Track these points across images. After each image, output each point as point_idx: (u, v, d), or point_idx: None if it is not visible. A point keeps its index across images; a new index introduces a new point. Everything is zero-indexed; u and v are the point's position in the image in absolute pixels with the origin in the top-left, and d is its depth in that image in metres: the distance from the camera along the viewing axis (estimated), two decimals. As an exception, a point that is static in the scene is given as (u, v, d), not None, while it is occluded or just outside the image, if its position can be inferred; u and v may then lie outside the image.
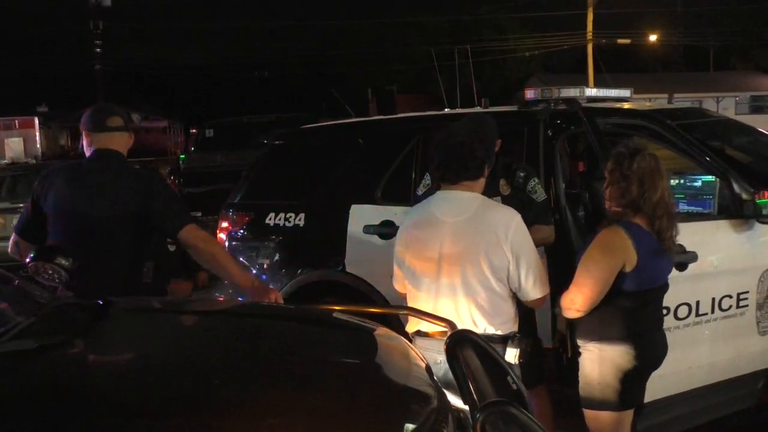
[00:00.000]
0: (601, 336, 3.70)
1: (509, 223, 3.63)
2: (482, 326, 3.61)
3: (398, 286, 3.99)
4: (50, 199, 3.90)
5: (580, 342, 3.80)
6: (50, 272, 3.40)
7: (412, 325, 3.77)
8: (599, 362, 3.71)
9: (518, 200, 4.57)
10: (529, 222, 4.50)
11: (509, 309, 3.72)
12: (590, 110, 4.96)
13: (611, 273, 3.62)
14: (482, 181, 3.80)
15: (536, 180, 4.65)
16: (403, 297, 3.98)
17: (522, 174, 4.62)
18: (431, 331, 3.62)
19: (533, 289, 3.68)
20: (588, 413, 3.83)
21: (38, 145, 39.34)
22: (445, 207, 3.71)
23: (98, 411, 2.14)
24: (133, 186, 3.88)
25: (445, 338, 3.35)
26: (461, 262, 3.61)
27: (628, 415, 3.77)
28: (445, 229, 3.65)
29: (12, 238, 4.08)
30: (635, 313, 3.70)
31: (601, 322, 3.69)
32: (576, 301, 3.67)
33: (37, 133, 39.95)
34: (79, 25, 41.61)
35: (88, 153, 4.02)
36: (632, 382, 3.71)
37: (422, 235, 3.72)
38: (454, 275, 3.62)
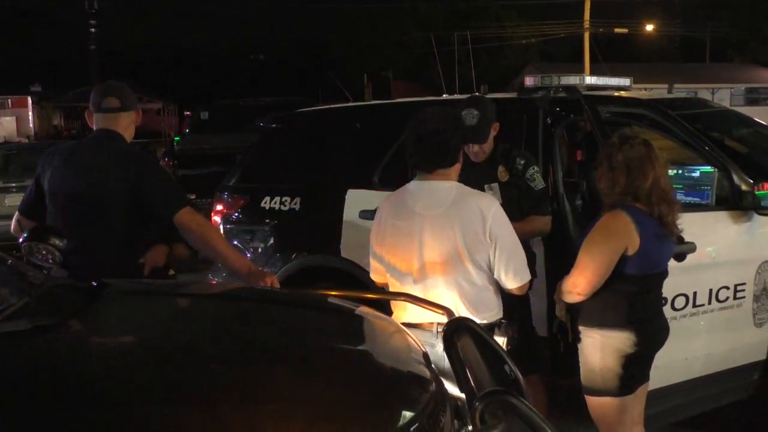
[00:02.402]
0: (603, 322, 3.69)
1: (487, 212, 3.53)
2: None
3: (376, 277, 3.90)
4: (47, 178, 3.89)
5: (581, 328, 3.79)
6: (44, 252, 3.36)
7: (399, 314, 3.69)
8: (601, 348, 3.70)
9: (516, 187, 4.52)
10: (526, 211, 4.48)
11: (493, 298, 3.67)
12: (592, 98, 4.93)
13: (614, 256, 3.61)
14: (458, 167, 3.68)
15: (535, 168, 4.59)
16: (382, 286, 3.94)
17: (521, 161, 4.56)
18: (417, 321, 3.55)
19: (513, 279, 3.61)
20: (591, 400, 3.83)
21: (31, 125, 39.21)
22: (421, 199, 3.61)
23: (92, 393, 2.12)
24: (128, 168, 3.84)
25: (434, 329, 3.32)
26: (442, 257, 3.54)
27: (631, 400, 3.76)
28: (422, 223, 3.56)
29: (15, 216, 4.06)
30: (637, 299, 3.70)
31: (604, 307, 3.68)
32: (578, 285, 3.66)
33: (30, 113, 39.81)
34: (75, 5, 41.36)
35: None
36: (634, 367, 3.71)
37: (399, 230, 3.63)
38: (436, 270, 3.56)
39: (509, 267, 3.58)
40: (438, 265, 3.55)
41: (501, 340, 3.56)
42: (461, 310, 3.55)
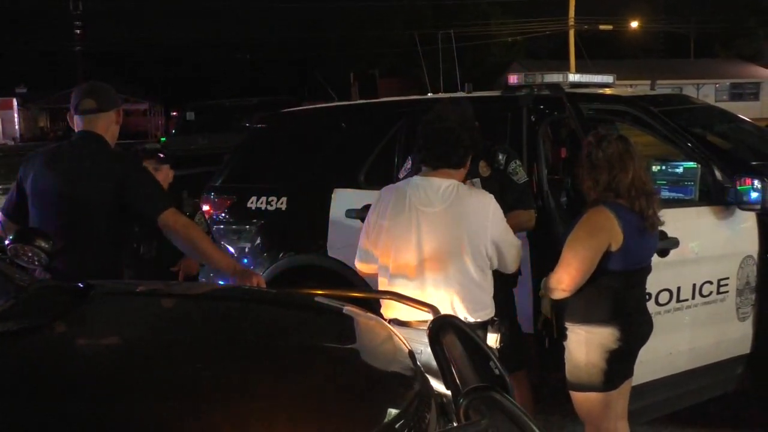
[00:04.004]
0: (587, 318, 3.72)
1: (487, 210, 3.61)
2: (462, 316, 3.59)
3: (363, 267, 3.92)
4: (30, 181, 3.87)
5: (566, 324, 3.82)
6: (30, 255, 3.36)
7: (389, 311, 3.72)
8: (586, 344, 3.73)
9: (498, 182, 4.52)
10: (509, 205, 4.49)
11: (487, 296, 3.72)
12: (574, 96, 4.95)
13: (597, 252, 3.64)
14: (463, 172, 3.75)
15: (517, 162, 4.60)
16: (365, 276, 3.96)
17: (502, 155, 4.56)
18: (410, 319, 3.58)
19: (513, 264, 3.80)
20: (576, 395, 3.85)
21: (17, 126, 39.04)
22: (421, 195, 3.64)
23: (79, 394, 2.12)
24: (111, 169, 3.83)
25: (426, 327, 3.35)
26: (441, 253, 3.58)
27: (615, 395, 3.79)
28: (421, 219, 3.60)
29: None
30: (621, 294, 3.72)
31: (588, 303, 3.71)
32: (563, 281, 3.69)
33: (16, 114, 39.62)
34: (60, 6, 41.13)
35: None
36: (619, 362, 3.73)
37: (396, 225, 3.65)
38: (435, 268, 3.59)
39: (511, 255, 3.75)
40: (436, 261, 3.59)
41: (494, 337, 3.62)
42: (458, 307, 3.59)
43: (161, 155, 5.28)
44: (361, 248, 3.85)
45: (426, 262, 3.60)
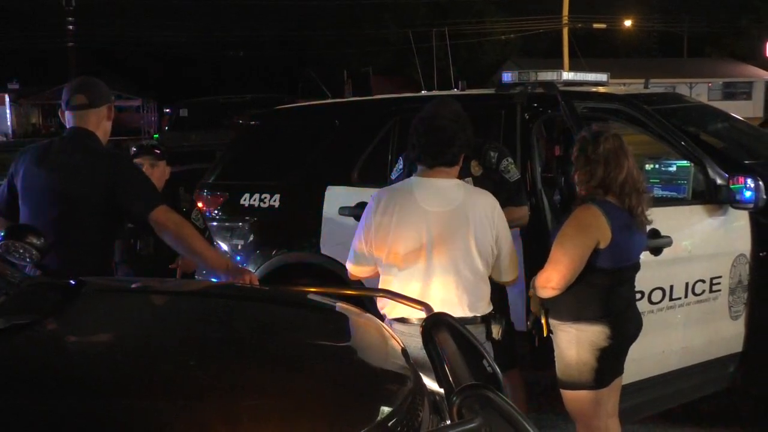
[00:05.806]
0: (577, 316, 3.72)
1: (493, 210, 3.65)
2: (467, 310, 3.60)
3: (357, 270, 3.86)
4: (21, 177, 3.85)
5: (556, 322, 3.81)
6: (21, 251, 3.34)
7: (393, 311, 3.69)
8: (576, 342, 3.73)
9: (490, 181, 4.49)
10: (502, 203, 4.49)
11: (488, 290, 3.73)
12: (568, 94, 4.95)
13: (586, 250, 3.64)
14: (457, 169, 3.75)
15: (509, 159, 4.57)
16: (356, 279, 3.95)
17: (494, 154, 4.53)
18: (411, 317, 3.58)
19: (507, 271, 3.75)
20: (566, 394, 3.85)
21: (8, 123, 38.92)
22: (429, 196, 3.62)
23: (70, 391, 2.11)
24: (102, 166, 3.81)
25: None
26: (451, 248, 3.57)
27: (606, 392, 3.80)
28: (430, 219, 3.58)
29: None
30: (611, 292, 3.73)
31: (578, 301, 3.71)
32: (552, 279, 3.69)
33: (8, 110, 39.48)
34: (52, 1, 40.99)
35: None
36: (609, 360, 3.74)
37: (403, 225, 3.61)
38: (443, 262, 3.58)
39: (508, 261, 3.73)
40: (446, 257, 3.58)
41: (497, 329, 3.65)
42: (467, 302, 3.61)
43: (158, 151, 5.25)
44: (355, 251, 3.79)
45: (435, 261, 3.58)
